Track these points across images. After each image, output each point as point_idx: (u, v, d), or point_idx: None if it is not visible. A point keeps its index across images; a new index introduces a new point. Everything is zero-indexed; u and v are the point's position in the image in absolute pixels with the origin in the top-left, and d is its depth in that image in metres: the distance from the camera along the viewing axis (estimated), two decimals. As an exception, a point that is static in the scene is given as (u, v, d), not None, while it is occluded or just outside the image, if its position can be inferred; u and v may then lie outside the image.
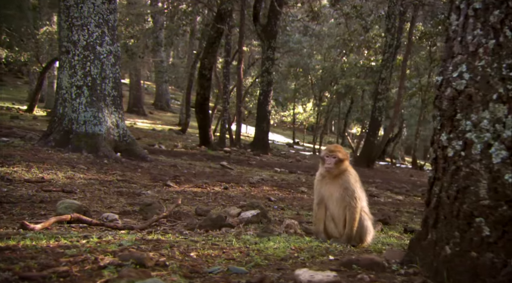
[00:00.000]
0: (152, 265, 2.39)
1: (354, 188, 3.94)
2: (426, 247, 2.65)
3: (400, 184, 13.69)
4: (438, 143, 2.68)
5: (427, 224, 2.70)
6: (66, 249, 2.72)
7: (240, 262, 2.65)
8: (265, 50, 20.84)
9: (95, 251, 2.68)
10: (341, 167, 3.96)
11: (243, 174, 11.18)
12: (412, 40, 19.17)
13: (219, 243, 3.31)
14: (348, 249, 3.50)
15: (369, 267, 2.67)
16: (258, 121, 20.75)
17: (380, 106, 17.37)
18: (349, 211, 3.89)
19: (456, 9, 2.69)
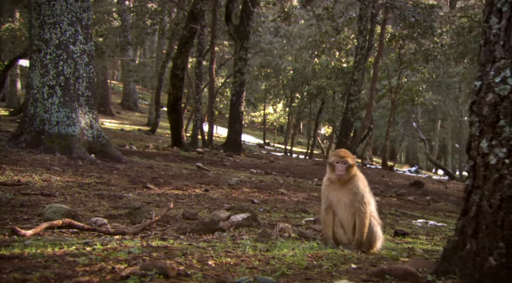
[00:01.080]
0: (174, 275, 2.30)
1: (364, 193, 3.90)
2: (464, 257, 2.56)
3: (373, 185, 13.84)
4: (478, 150, 2.60)
5: (465, 234, 2.60)
6: (75, 257, 2.61)
7: (264, 271, 2.58)
8: (238, 51, 20.78)
9: (107, 259, 2.58)
10: (350, 173, 3.92)
11: (220, 175, 11.09)
12: (383, 42, 19.49)
13: (233, 250, 3.23)
14: (365, 257, 3.46)
15: (403, 277, 2.59)
16: (231, 121, 20.68)
17: (353, 107, 17.59)
18: (358, 217, 3.85)
19: (497, 11, 2.61)
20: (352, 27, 22.75)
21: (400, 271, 2.62)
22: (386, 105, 26.63)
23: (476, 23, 20.58)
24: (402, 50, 22.30)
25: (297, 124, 32.47)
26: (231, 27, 20.87)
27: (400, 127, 31.21)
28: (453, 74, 23.68)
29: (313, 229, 5.14)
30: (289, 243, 3.91)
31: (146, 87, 52.40)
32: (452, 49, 20.35)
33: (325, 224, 4.07)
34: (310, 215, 6.71)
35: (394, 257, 3.51)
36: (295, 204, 7.92)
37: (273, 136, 38.31)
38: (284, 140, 31.10)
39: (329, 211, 4.04)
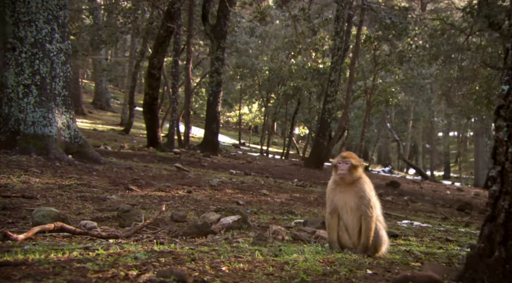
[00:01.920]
0: (192, 282, 2.25)
1: (370, 196, 3.83)
2: (493, 265, 2.52)
3: (351, 185, 14.03)
4: (506, 155, 2.55)
5: (493, 241, 2.56)
6: (81, 263, 2.53)
7: (282, 278, 2.54)
8: (215, 50, 20.69)
9: (116, 265, 2.51)
10: (354, 175, 3.86)
11: (201, 176, 11.01)
12: (359, 43, 19.72)
13: (242, 255, 3.18)
14: (375, 262, 3.42)
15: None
16: (208, 122, 20.56)
17: (330, 108, 17.71)
18: (364, 221, 3.79)
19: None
20: (328, 28, 22.93)
21: (424, 278, 2.57)
22: (361, 106, 26.94)
23: (448, 26, 21.03)
24: (377, 52, 22.62)
25: (273, 124, 32.52)
26: (208, 27, 20.76)
27: (374, 128, 31.66)
28: (426, 75, 24.14)
29: (304, 231, 5.13)
30: (292, 247, 3.88)
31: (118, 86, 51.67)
32: (425, 51, 20.74)
33: (330, 228, 4.00)
34: (298, 216, 6.72)
35: (403, 262, 3.48)
36: (280, 206, 7.92)
37: (248, 136, 38.32)
38: (260, 140, 31.11)
39: (334, 214, 3.96)
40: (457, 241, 5.44)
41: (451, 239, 5.44)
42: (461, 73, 20.82)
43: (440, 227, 6.98)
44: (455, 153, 49.40)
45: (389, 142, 38.69)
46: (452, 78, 21.49)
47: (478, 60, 20.73)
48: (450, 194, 15.99)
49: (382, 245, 3.84)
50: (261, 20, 24.26)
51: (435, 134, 40.39)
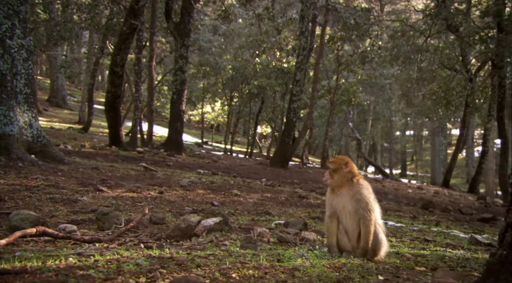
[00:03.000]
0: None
1: (368, 200, 3.83)
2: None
3: (317, 184, 14.15)
4: None
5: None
6: (83, 270, 2.43)
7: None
8: (179, 48, 20.42)
9: (121, 272, 2.42)
10: (338, 178, 3.87)
11: (169, 176, 10.83)
12: (324, 43, 19.95)
13: (247, 261, 3.12)
14: (382, 267, 3.42)
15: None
16: (172, 120, 20.27)
17: (295, 107, 17.81)
18: (363, 224, 3.78)
19: None
20: (292, 27, 23.07)
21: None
22: (325, 105, 27.28)
23: (408, 27, 21.61)
24: (340, 52, 22.95)
25: (237, 123, 32.47)
26: (171, 24, 20.47)
27: (337, 127, 32.15)
28: (388, 76, 24.71)
29: (288, 232, 5.11)
30: (290, 251, 3.85)
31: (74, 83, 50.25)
32: (387, 51, 21.22)
33: (329, 232, 3.99)
34: (275, 217, 6.70)
35: (408, 266, 3.48)
36: (254, 206, 7.88)
37: (211, 135, 38.09)
38: (224, 139, 30.99)
39: (333, 218, 3.96)
40: (435, 241, 5.57)
41: (429, 239, 5.56)
42: (420, 74, 21.43)
43: (414, 227, 7.13)
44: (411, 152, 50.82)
45: (349, 141, 39.37)
46: (411, 79, 22.08)
47: (436, 62, 21.39)
48: (411, 192, 16.40)
49: (381, 248, 3.84)
50: (224, 18, 24.16)
51: (393, 133, 41.42)
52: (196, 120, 41.20)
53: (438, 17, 18.65)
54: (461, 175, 38.21)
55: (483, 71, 22.94)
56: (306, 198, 10.08)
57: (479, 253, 4.89)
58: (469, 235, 6.75)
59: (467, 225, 8.50)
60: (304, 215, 7.37)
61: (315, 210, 8.11)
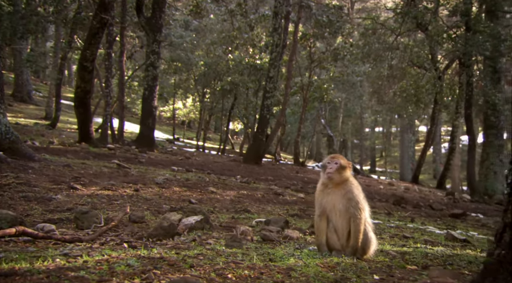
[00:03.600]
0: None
1: (358, 198, 3.83)
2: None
3: (291, 181, 14.21)
4: None
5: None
6: (73, 271, 2.37)
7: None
8: (150, 44, 20.11)
9: (114, 273, 2.37)
10: (342, 176, 3.85)
11: (144, 174, 10.65)
12: (297, 40, 20.00)
13: (239, 261, 3.07)
14: (374, 266, 3.41)
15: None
16: (143, 117, 19.96)
17: (269, 104, 17.81)
18: (353, 223, 3.77)
19: None
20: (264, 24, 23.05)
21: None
22: (297, 102, 27.39)
23: (379, 25, 21.89)
24: (312, 49, 23.08)
25: (209, 119, 32.25)
26: (143, 19, 20.13)
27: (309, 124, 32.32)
28: (360, 73, 24.98)
29: (270, 230, 5.09)
30: (280, 250, 3.82)
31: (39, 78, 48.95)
32: (358, 49, 21.46)
33: (318, 230, 3.96)
34: (255, 215, 6.68)
35: (399, 265, 3.49)
36: (231, 203, 7.84)
37: (182, 131, 37.74)
38: (196, 135, 30.77)
39: (322, 217, 3.93)
40: (413, 237, 5.65)
41: (407, 236, 5.64)
42: (391, 71, 21.75)
43: (391, 223, 7.22)
44: (379, 148, 51.64)
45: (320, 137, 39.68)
46: (382, 76, 22.40)
47: (406, 60, 21.76)
48: (383, 188, 16.66)
49: (371, 247, 3.86)
50: (196, 13, 23.94)
51: (363, 130, 42.02)
52: (167, 116, 40.72)
53: (408, 16, 18.96)
54: (428, 171, 39.08)
55: (451, 69, 23.48)
56: (282, 195, 10.10)
57: (457, 249, 4.98)
58: (443, 231, 6.90)
59: (440, 221, 8.68)
60: (282, 212, 7.38)
61: (292, 208, 8.13)
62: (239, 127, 39.41)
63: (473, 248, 5.22)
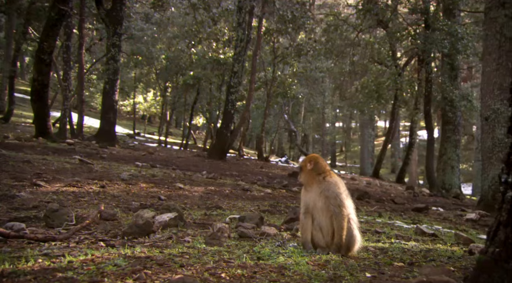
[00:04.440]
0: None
1: (337, 195, 3.83)
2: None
3: (256, 176, 14.19)
4: None
5: (510, 246, 2.58)
6: (60, 272, 2.32)
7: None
8: (111, 36, 19.58)
9: (104, 274, 2.28)
10: (308, 176, 3.96)
11: (108, 169, 10.37)
12: (261, 35, 19.97)
13: (229, 259, 2.99)
14: (362, 263, 3.39)
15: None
16: (104, 111, 19.43)
17: (233, 99, 17.71)
18: (336, 220, 3.78)
19: None
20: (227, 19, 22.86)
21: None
22: (261, 97, 27.38)
23: (341, 22, 22.14)
24: (276, 44, 23.11)
25: (172, 114, 31.77)
26: (103, 11, 19.59)
27: (272, 119, 32.43)
28: (323, 69, 25.19)
29: (245, 227, 5.03)
30: (262, 247, 3.77)
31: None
32: (321, 45, 21.64)
33: (303, 228, 3.97)
34: (227, 211, 6.61)
35: (387, 262, 3.50)
36: (202, 200, 7.74)
37: (143, 126, 37.07)
38: (158, 130, 30.29)
39: (307, 215, 3.96)
40: (385, 232, 5.73)
41: (379, 231, 5.70)
42: (353, 67, 22.06)
43: (360, 218, 7.27)
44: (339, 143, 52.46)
45: (282, 132, 39.89)
46: (344, 72, 22.70)
47: (367, 56, 22.12)
48: (346, 183, 16.81)
49: (355, 244, 3.86)
50: (158, 6, 23.50)
51: (324, 125, 42.54)
52: (127, 110, 39.91)
53: (370, 13, 19.27)
54: (386, 166, 39.99)
55: (410, 66, 24.06)
56: (249, 190, 10.05)
57: (429, 243, 5.08)
58: (411, 225, 7.04)
59: (405, 216, 8.85)
60: (253, 208, 7.33)
61: (262, 203, 8.10)
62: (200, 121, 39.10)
63: (442, 243, 5.34)
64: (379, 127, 50.84)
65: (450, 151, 18.68)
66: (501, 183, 2.70)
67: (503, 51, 11.25)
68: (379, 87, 19.88)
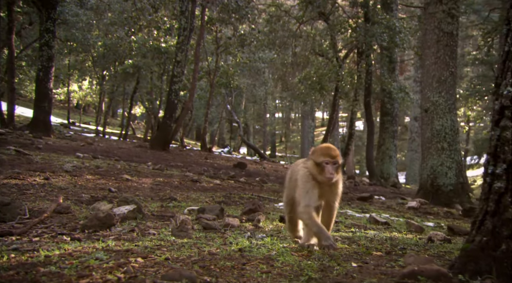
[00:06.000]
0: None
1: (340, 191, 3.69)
2: (500, 258, 2.61)
3: (202, 167, 14.02)
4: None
5: (498, 235, 2.65)
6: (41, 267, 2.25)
7: (283, 276, 2.39)
8: (44, 21, 18.52)
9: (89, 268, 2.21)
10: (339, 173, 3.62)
11: (48, 161, 9.84)
12: (204, 24, 19.66)
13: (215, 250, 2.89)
14: (343, 253, 3.36)
15: (436, 278, 2.55)
16: (38, 100, 18.37)
17: (176, 88, 17.35)
18: (333, 212, 3.74)
19: None
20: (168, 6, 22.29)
21: (432, 272, 2.59)
22: (204, 87, 27.02)
23: (283, 13, 22.26)
24: (218, 34, 22.87)
25: (110, 103, 30.68)
26: (35, -7, 18.48)
27: (215, 110, 32.18)
28: (266, 59, 25.21)
29: (206, 219, 4.93)
30: (236, 239, 3.69)
31: None
32: (264, 35, 21.65)
33: (311, 220, 3.58)
34: (183, 203, 6.47)
35: (366, 252, 3.51)
36: (153, 191, 7.54)
37: (78, 115, 35.56)
38: (95, 120, 29.18)
39: (313, 208, 3.61)
40: (341, 221, 5.85)
41: (336, 220, 5.80)
42: (295, 59, 22.27)
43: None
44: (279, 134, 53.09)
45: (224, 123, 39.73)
46: (287, 63, 22.88)
47: (309, 48, 22.41)
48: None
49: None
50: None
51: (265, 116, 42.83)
52: (61, 99, 38.12)
53: (312, 5, 19.50)
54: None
55: (349, 58, 24.64)
56: (198, 182, 9.91)
57: (386, 232, 5.24)
58: (362, 214, 7.23)
59: (353, 205, 9.08)
60: (208, 199, 7.23)
61: (216, 195, 8.01)
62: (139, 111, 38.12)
63: (396, 231, 5.51)
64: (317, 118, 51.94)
65: (388, 141, 19.37)
66: (488, 174, 2.78)
67: (441, 45, 11.78)
68: (322, 79, 20.21)
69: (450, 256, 3.50)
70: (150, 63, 23.05)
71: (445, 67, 11.63)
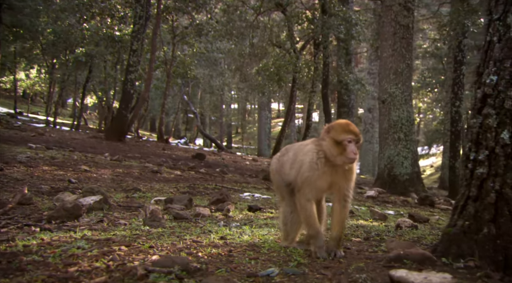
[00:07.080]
0: (194, 270, 2.02)
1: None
2: (482, 241, 2.69)
3: (160, 158, 13.78)
4: (497, 140, 2.71)
5: (480, 219, 2.72)
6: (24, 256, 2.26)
7: (275, 262, 2.39)
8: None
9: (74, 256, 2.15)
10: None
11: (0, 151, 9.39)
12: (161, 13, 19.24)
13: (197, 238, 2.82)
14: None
15: (421, 261, 2.61)
16: (-16, 88, 17.51)
17: (132, 78, 16.93)
18: (346, 204, 3.20)
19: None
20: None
21: (418, 256, 2.65)
22: (160, 77, 26.51)
23: (240, 2, 22.09)
24: (175, 23, 22.45)
25: (61, 93, 29.52)
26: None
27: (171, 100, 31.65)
28: (224, 50, 25.00)
29: (174, 208, 4.84)
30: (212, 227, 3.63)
31: None
32: (222, 25, 21.44)
33: (312, 218, 3.13)
34: (148, 194, 6.33)
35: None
36: (115, 182, 7.33)
37: (26, 105, 34.09)
38: (46, 110, 28.05)
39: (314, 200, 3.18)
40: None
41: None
42: (253, 49, 22.22)
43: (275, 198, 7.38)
44: (235, 125, 53.00)
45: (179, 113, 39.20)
46: (244, 54, 22.77)
47: (266, 39, 22.40)
48: (249, 164, 17.06)
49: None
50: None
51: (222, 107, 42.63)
52: (7, 88, 36.44)
53: (271, -5, 19.48)
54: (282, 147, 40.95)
55: (306, 50, 24.84)
56: (159, 172, 9.74)
57: (353, 219, 5.35)
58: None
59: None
60: (172, 190, 7.12)
61: (179, 185, 7.90)
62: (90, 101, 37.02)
63: (362, 219, 5.61)
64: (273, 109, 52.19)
65: (344, 132, 19.64)
66: (469, 161, 2.86)
67: (398, 37, 12.04)
68: (280, 70, 20.28)
69: (425, 241, 3.59)
70: (104, 51, 22.34)
71: (402, 59, 11.91)
